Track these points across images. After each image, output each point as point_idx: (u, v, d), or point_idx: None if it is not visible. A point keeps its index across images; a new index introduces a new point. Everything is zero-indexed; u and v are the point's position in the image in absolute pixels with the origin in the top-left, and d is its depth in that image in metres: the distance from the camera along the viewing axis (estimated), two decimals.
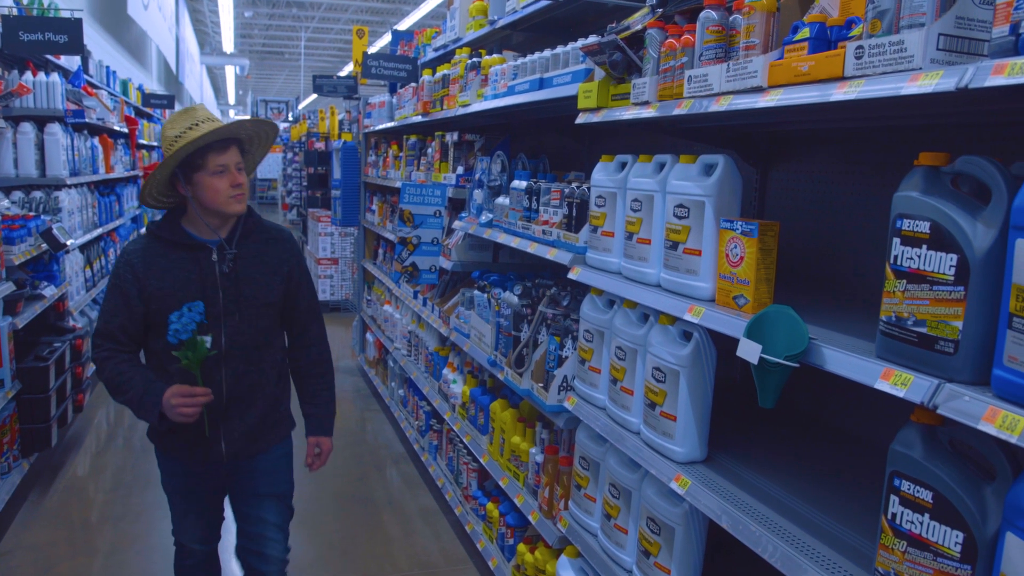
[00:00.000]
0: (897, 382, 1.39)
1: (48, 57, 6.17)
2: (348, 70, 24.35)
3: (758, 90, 1.78)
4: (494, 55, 3.85)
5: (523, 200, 3.22)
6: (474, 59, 3.95)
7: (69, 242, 5.29)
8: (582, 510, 2.65)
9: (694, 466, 2.11)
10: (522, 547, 3.26)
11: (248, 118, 2.61)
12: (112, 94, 9.03)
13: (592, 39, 2.52)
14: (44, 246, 5.00)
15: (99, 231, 7.08)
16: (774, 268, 1.89)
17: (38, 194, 5.63)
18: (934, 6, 1.35)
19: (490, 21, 3.93)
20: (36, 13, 6.17)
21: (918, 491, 1.35)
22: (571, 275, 2.67)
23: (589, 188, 2.61)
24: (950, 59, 1.34)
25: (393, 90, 6.34)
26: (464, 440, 3.96)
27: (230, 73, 30.67)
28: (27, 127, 5.67)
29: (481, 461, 3.71)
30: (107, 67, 9.20)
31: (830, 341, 1.62)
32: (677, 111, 2.06)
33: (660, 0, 2.33)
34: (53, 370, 4.72)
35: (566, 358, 2.83)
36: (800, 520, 1.82)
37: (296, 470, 2.76)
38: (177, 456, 2.57)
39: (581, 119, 2.63)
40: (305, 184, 16.78)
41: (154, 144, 12.22)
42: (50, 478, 4.79)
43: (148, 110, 12.51)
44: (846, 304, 2.14)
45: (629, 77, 2.39)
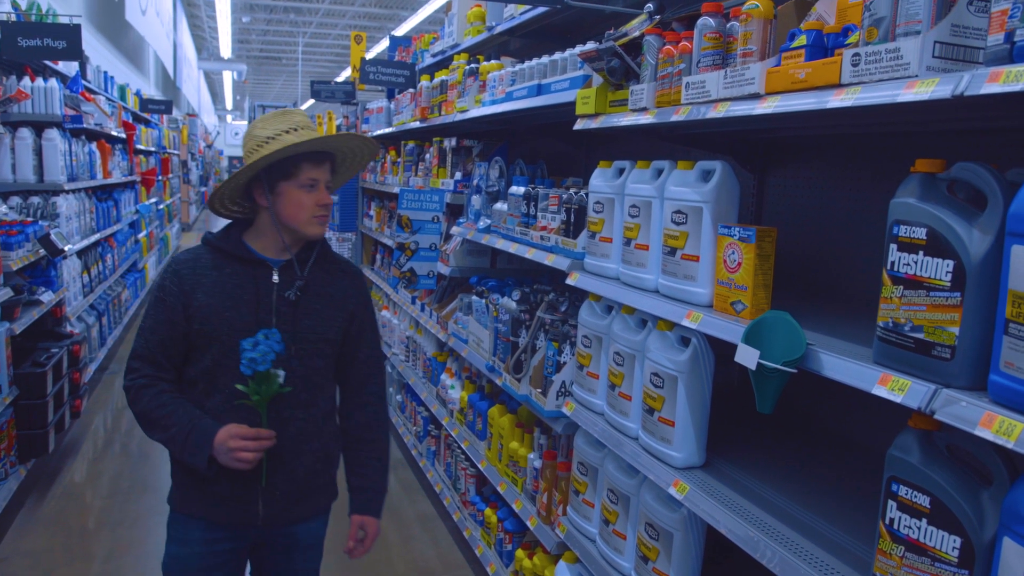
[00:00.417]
0: (894, 387, 1.40)
1: (46, 63, 6.18)
2: (346, 75, 24.36)
3: (755, 97, 1.78)
4: (492, 61, 3.86)
5: (521, 206, 3.23)
6: (472, 65, 3.96)
7: (67, 247, 5.29)
8: (580, 516, 2.65)
9: (692, 471, 2.12)
10: (520, 553, 3.26)
11: (355, 133, 2.34)
12: (110, 99, 9.03)
13: (590, 45, 2.53)
14: (42, 252, 5.00)
15: (97, 236, 7.08)
16: (772, 274, 1.89)
17: (36, 199, 5.63)
18: (930, 14, 1.36)
19: (488, 27, 3.95)
20: (35, 19, 6.17)
21: (916, 496, 1.36)
22: (569, 281, 2.67)
23: (587, 194, 2.62)
24: (946, 67, 1.35)
25: (391, 96, 6.35)
26: (462, 446, 3.96)
27: (228, 78, 30.68)
28: (25, 132, 5.67)
29: (479, 467, 3.71)
30: (105, 72, 9.20)
31: (828, 347, 1.63)
32: (675, 118, 2.07)
33: (658, 7, 2.34)
34: (51, 376, 4.71)
35: (564, 364, 2.83)
36: (798, 525, 1.83)
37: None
38: (204, 517, 2.13)
39: (579, 125, 2.64)
40: None
41: (151, 149, 12.23)
42: (47, 484, 4.78)
43: (146, 115, 12.51)
44: (844, 310, 2.14)
45: (627, 83, 2.40)
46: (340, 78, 25.51)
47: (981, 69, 1.24)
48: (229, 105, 41.71)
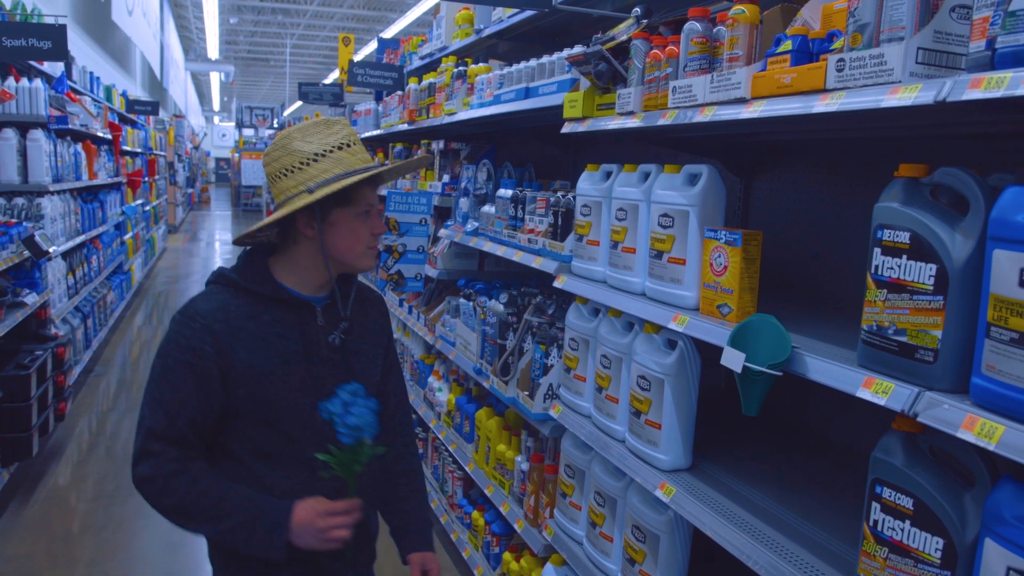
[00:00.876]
0: (878, 390, 1.41)
1: (31, 63, 6.14)
2: (334, 77, 24.31)
3: (741, 101, 1.80)
4: (480, 64, 3.86)
5: (509, 209, 3.23)
6: (460, 68, 3.96)
7: (51, 249, 5.26)
8: (567, 518, 2.65)
9: (679, 474, 2.13)
10: (507, 556, 3.26)
11: (426, 156, 1.97)
12: (96, 100, 8.98)
13: (578, 49, 2.54)
14: (26, 253, 4.96)
15: (82, 238, 7.03)
16: (757, 277, 1.91)
17: (20, 201, 5.59)
18: (913, 20, 1.37)
19: (476, 30, 3.95)
20: (19, 19, 6.13)
21: (899, 498, 1.37)
22: (556, 284, 2.68)
23: (574, 197, 2.62)
24: (929, 72, 1.37)
25: (379, 98, 6.35)
26: (449, 448, 3.96)
27: (215, 79, 30.57)
28: (9, 133, 5.63)
29: (467, 469, 3.71)
30: (91, 73, 9.15)
31: (813, 350, 1.64)
32: (662, 121, 2.08)
33: (645, 11, 2.35)
34: (35, 378, 4.67)
35: (551, 366, 2.83)
36: (784, 527, 1.84)
37: None
38: None
39: (566, 128, 2.65)
40: None
41: (137, 150, 12.16)
42: (31, 488, 4.74)
43: (132, 116, 12.44)
44: (829, 313, 2.16)
45: (614, 87, 2.41)
46: (328, 80, 25.46)
47: (963, 75, 1.25)
48: (216, 106, 41.56)
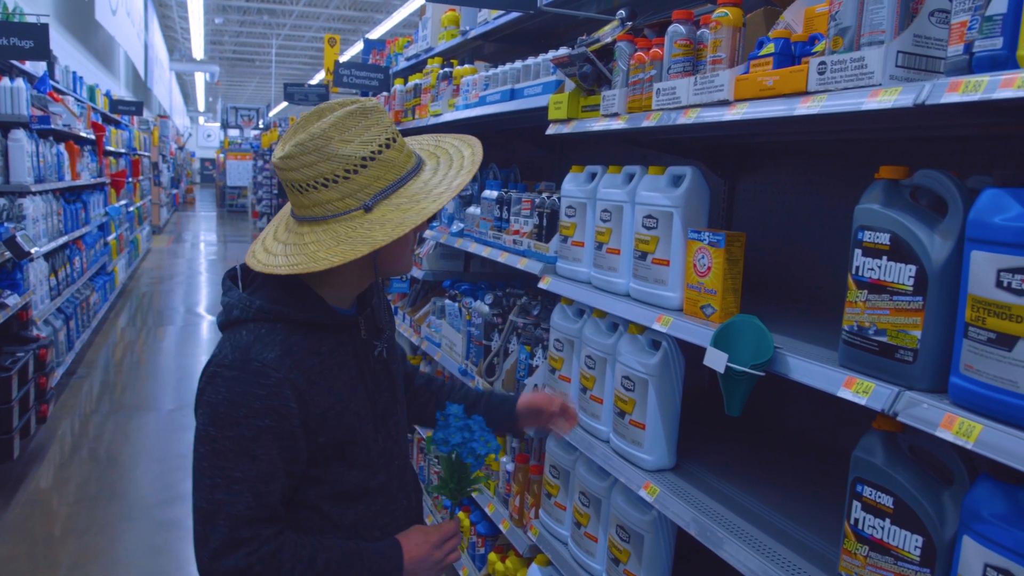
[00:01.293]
0: (859, 390, 1.42)
1: (13, 62, 6.08)
2: (319, 78, 24.24)
3: (724, 103, 1.81)
4: (466, 65, 3.87)
5: (494, 210, 3.23)
6: (446, 69, 3.96)
7: (33, 250, 5.21)
8: (552, 518, 2.66)
9: (663, 474, 2.14)
10: (493, 556, 3.26)
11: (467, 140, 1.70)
12: (79, 100, 8.91)
13: (563, 51, 2.55)
14: (7, 254, 4.91)
15: (64, 239, 6.98)
16: (741, 278, 1.92)
17: (1, 201, 5.53)
18: (893, 24, 1.39)
19: (462, 31, 3.95)
20: (1, 18, 6.07)
21: (879, 496, 1.38)
22: (541, 284, 2.68)
23: (559, 198, 2.63)
24: (909, 76, 1.38)
25: None
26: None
27: (200, 80, 30.39)
28: None
29: None
30: (74, 73, 9.08)
31: (795, 350, 1.65)
32: (646, 123, 2.09)
33: (630, 13, 2.36)
34: (16, 380, 4.63)
35: (536, 367, 2.84)
36: (766, 526, 1.85)
37: None
38: None
39: (551, 130, 2.66)
40: (276, 192, 16.70)
41: (121, 151, 12.07)
42: (12, 491, 4.69)
43: (116, 116, 12.36)
44: (811, 314, 2.18)
45: (599, 89, 2.42)
46: (314, 81, 25.39)
47: (942, 79, 1.26)
48: (201, 107, 41.31)
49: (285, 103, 20.97)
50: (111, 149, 10.75)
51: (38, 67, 6.71)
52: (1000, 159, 1.85)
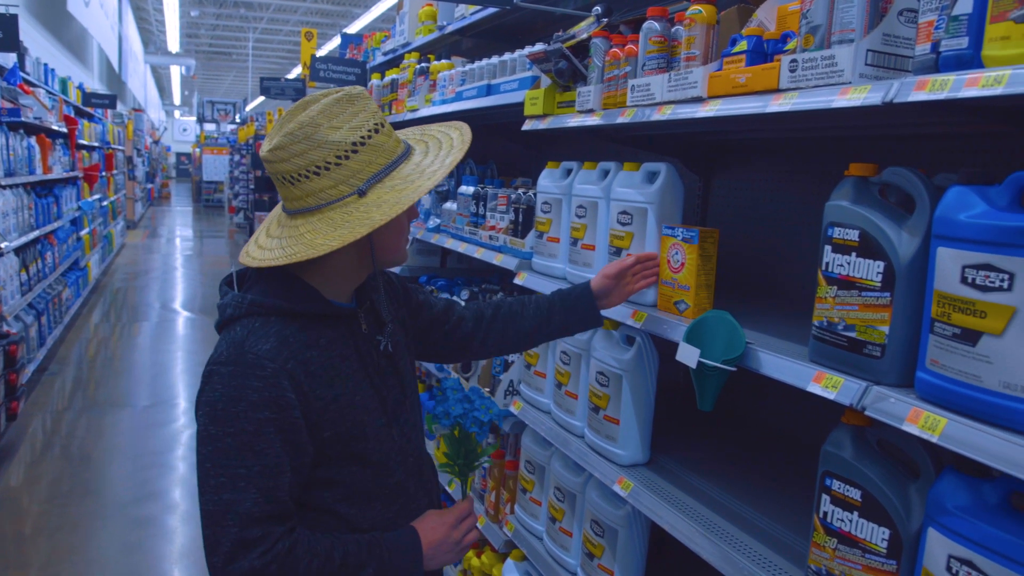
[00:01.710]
0: (828, 385, 1.44)
1: None
2: (296, 72, 24.05)
3: (698, 100, 1.82)
4: (443, 61, 3.86)
5: (470, 205, 3.23)
6: (423, 64, 3.95)
7: (3, 245, 5.13)
8: (528, 514, 2.67)
9: (637, 469, 2.15)
10: (468, 552, 3.26)
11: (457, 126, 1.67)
12: (51, 92, 8.78)
13: (539, 47, 2.55)
14: None
15: (36, 233, 6.88)
16: (714, 274, 1.93)
17: None
18: (863, 23, 1.40)
19: (439, 27, 3.94)
20: None
21: (848, 490, 1.40)
22: (517, 280, 2.68)
23: (535, 194, 2.63)
24: (878, 74, 1.40)
25: None
26: None
27: (175, 73, 30.05)
28: None
29: None
30: (45, 65, 8.94)
31: (766, 346, 1.67)
32: (621, 119, 2.09)
33: (605, 10, 2.37)
34: None
35: (512, 363, 2.84)
36: (738, 520, 1.87)
37: None
38: None
39: (527, 126, 2.66)
40: (252, 187, 16.54)
41: (95, 144, 11.91)
42: None
43: (89, 110, 12.19)
44: (783, 309, 2.20)
45: (575, 85, 2.42)
46: (291, 75, 25.17)
47: (909, 77, 1.28)
48: (177, 101, 40.87)
49: (262, 97, 20.81)
50: (84, 143, 10.60)
51: (8, 59, 6.61)
52: (969, 157, 1.87)
